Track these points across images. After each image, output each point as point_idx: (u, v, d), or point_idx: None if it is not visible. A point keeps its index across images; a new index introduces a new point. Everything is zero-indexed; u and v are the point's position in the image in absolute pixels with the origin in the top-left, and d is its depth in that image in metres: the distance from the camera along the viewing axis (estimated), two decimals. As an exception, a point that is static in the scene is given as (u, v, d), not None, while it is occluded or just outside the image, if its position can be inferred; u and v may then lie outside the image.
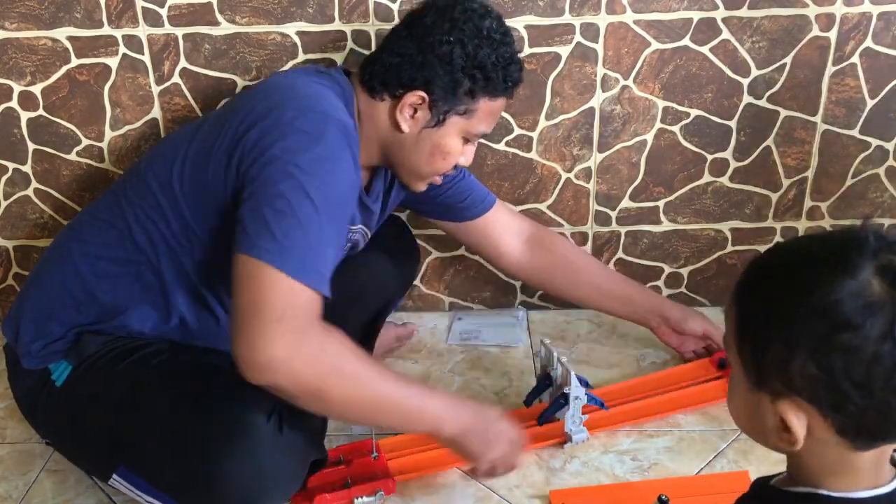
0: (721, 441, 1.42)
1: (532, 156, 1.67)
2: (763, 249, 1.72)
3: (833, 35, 1.55)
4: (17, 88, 1.59)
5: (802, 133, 1.64)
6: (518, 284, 1.81)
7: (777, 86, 1.60)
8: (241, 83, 1.59)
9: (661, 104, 1.62)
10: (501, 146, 1.66)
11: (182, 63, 1.57)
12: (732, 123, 1.63)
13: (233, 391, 1.18)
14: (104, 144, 1.64)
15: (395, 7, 1.52)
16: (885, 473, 0.71)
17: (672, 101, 1.62)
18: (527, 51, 1.57)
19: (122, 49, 1.55)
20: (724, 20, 1.55)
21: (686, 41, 1.56)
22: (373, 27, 1.54)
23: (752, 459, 1.37)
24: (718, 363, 1.55)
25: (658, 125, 1.64)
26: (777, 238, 1.74)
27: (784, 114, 1.62)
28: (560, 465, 1.38)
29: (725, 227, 1.74)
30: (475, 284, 1.68)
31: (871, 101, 1.61)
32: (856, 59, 1.57)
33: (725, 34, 1.56)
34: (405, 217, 1.69)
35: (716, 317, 1.78)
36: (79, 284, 1.25)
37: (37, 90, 1.59)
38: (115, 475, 1.20)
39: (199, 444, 1.13)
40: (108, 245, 1.25)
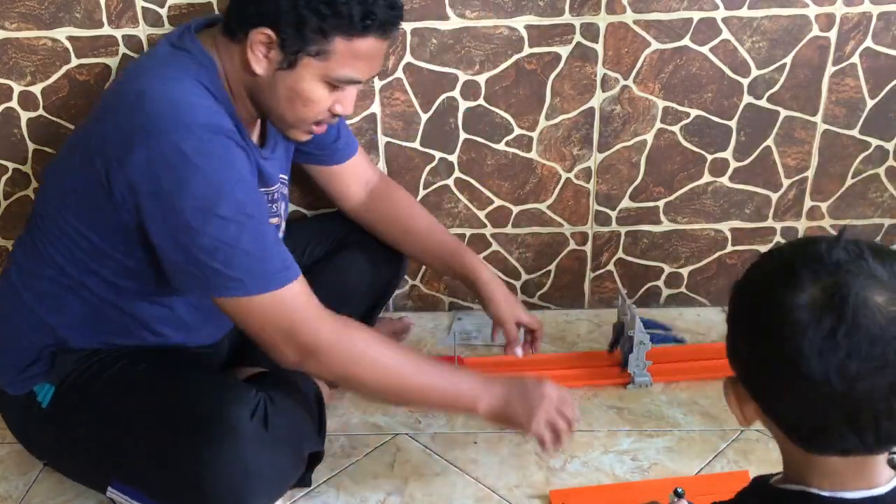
0: (721, 441, 1.42)
1: (532, 156, 1.67)
2: (763, 249, 1.73)
3: (833, 35, 1.55)
4: (17, 88, 1.59)
5: (802, 133, 1.64)
6: (518, 284, 1.81)
7: (777, 86, 1.60)
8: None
9: (661, 104, 1.62)
10: (501, 146, 1.66)
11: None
12: (732, 123, 1.63)
13: (213, 392, 1.19)
14: (104, 144, 1.64)
15: None
16: (879, 477, 0.70)
17: (672, 101, 1.61)
18: (527, 51, 1.57)
19: (123, 49, 1.55)
20: (724, 20, 1.54)
21: (686, 41, 1.56)
22: None
23: (753, 459, 1.37)
24: None
25: (658, 125, 1.64)
26: (777, 238, 1.74)
27: (784, 114, 1.62)
28: (560, 465, 1.38)
29: (725, 227, 1.74)
30: (475, 284, 1.69)
31: (871, 101, 1.61)
32: (856, 59, 1.57)
33: (725, 34, 1.55)
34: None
35: (715, 316, 1.79)
36: (25, 310, 1.24)
37: (37, 90, 1.59)
38: (110, 488, 1.21)
39: (185, 450, 1.14)
40: (39, 267, 1.23)
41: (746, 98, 1.61)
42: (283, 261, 1.14)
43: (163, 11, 1.53)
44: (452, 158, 1.67)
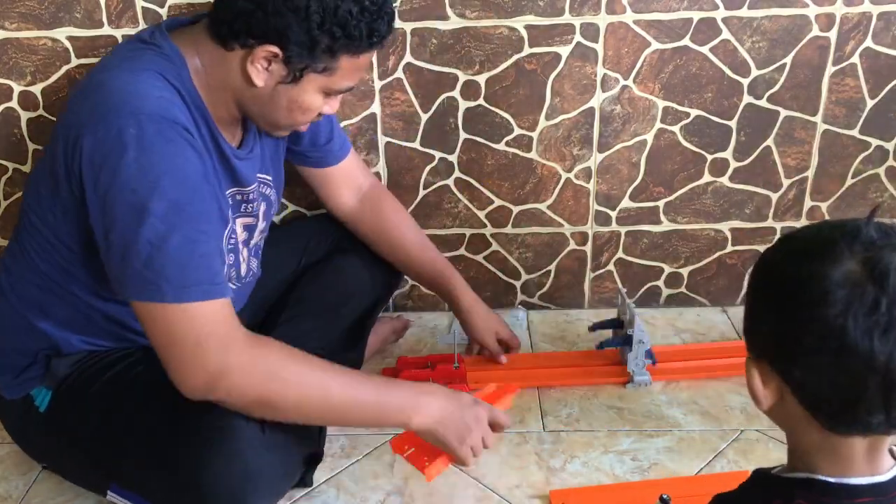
0: (721, 441, 1.42)
1: (532, 156, 1.67)
2: (763, 249, 1.73)
3: (833, 35, 1.55)
4: (17, 88, 1.59)
5: (802, 133, 1.64)
6: (518, 284, 1.81)
7: (777, 86, 1.60)
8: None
9: (661, 104, 1.62)
10: (501, 146, 1.66)
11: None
12: (732, 123, 1.63)
13: None
14: (104, 144, 1.64)
15: None
16: (883, 463, 0.71)
17: (672, 101, 1.62)
18: (527, 51, 1.57)
19: (122, 49, 1.55)
20: (724, 20, 1.54)
21: (686, 41, 1.56)
22: None
23: (752, 459, 1.37)
24: None
25: (658, 125, 1.64)
26: (777, 238, 1.74)
27: (784, 114, 1.62)
28: (560, 465, 1.38)
29: (725, 227, 1.74)
30: (475, 284, 1.68)
31: (871, 101, 1.61)
32: (856, 59, 1.57)
33: (725, 34, 1.56)
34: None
35: (715, 316, 1.79)
36: (17, 315, 1.23)
37: (37, 90, 1.59)
38: (110, 492, 1.21)
39: (184, 453, 1.13)
40: (26, 273, 1.22)
41: (746, 98, 1.61)
42: (211, 276, 1.07)
43: (163, 11, 1.53)
44: (452, 158, 1.67)
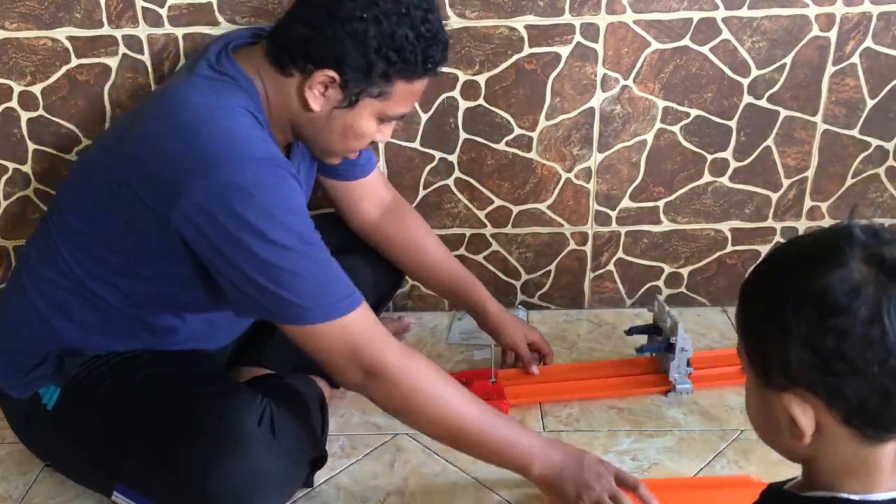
0: (721, 441, 1.42)
1: (532, 156, 1.67)
2: (763, 249, 1.73)
3: (833, 35, 1.55)
4: (17, 88, 1.59)
5: (802, 133, 1.64)
6: (518, 284, 1.81)
7: (777, 86, 1.60)
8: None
9: (661, 104, 1.62)
10: (501, 146, 1.66)
11: (182, 63, 1.57)
12: (732, 123, 1.63)
13: (221, 399, 1.18)
14: (104, 144, 1.64)
15: None
16: None
17: (672, 101, 1.62)
18: (527, 51, 1.57)
19: (122, 49, 1.55)
20: (724, 20, 1.54)
21: (686, 41, 1.56)
22: None
23: (753, 459, 1.37)
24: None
25: (658, 125, 1.64)
26: (777, 238, 1.74)
27: (784, 114, 1.62)
28: (560, 465, 1.37)
29: (725, 227, 1.74)
30: (475, 284, 1.69)
31: (871, 101, 1.61)
32: (856, 59, 1.57)
33: (725, 34, 1.55)
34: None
35: (714, 316, 1.79)
36: (35, 316, 1.23)
37: (37, 90, 1.59)
38: (115, 492, 1.21)
39: (193, 457, 1.13)
40: (50, 270, 1.22)
41: (746, 98, 1.61)
42: (347, 287, 1.13)
43: (163, 11, 1.53)
44: (452, 158, 1.67)
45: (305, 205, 1.16)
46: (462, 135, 1.65)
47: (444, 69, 1.57)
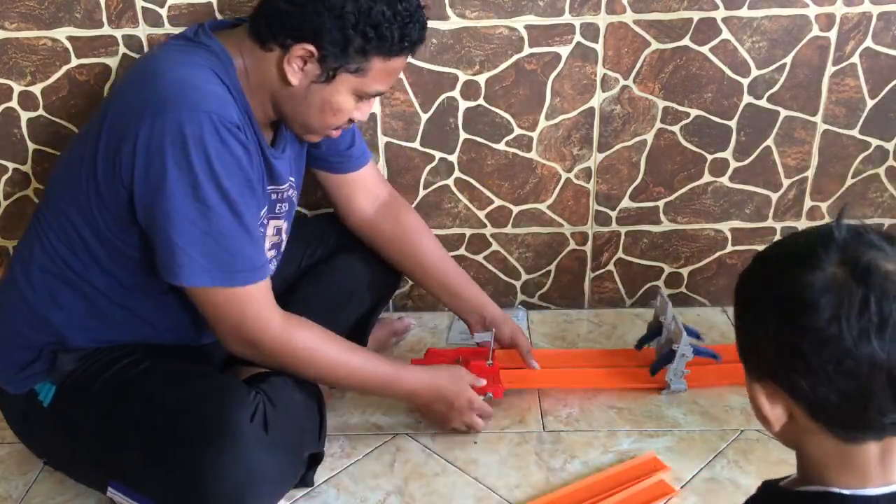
0: (721, 441, 1.42)
1: (532, 156, 1.67)
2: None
3: (833, 35, 1.55)
4: (17, 88, 1.59)
5: (802, 133, 1.64)
6: (518, 284, 1.81)
7: (777, 86, 1.60)
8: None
9: (661, 104, 1.62)
10: (501, 146, 1.66)
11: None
12: (732, 123, 1.63)
13: (213, 395, 1.18)
14: (104, 144, 1.64)
15: None
16: None
17: (672, 101, 1.62)
18: (527, 51, 1.57)
19: (122, 49, 1.55)
20: (724, 20, 1.54)
21: (686, 41, 1.56)
22: None
23: (753, 459, 1.37)
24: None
25: (658, 125, 1.64)
26: (777, 238, 1.74)
27: (784, 114, 1.62)
28: (560, 465, 1.38)
29: (725, 227, 1.74)
30: (475, 284, 1.69)
31: (871, 101, 1.61)
32: (856, 59, 1.57)
33: (725, 34, 1.55)
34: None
35: (714, 316, 1.79)
36: (27, 307, 1.24)
37: (37, 90, 1.59)
38: (110, 488, 1.21)
39: (186, 453, 1.14)
40: (39, 256, 1.23)
41: (746, 98, 1.61)
42: (255, 261, 1.18)
43: (163, 11, 1.53)
44: (452, 158, 1.67)
45: (250, 175, 1.17)
46: (462, 135, 1.65)
47: (444, 69, 1.58)
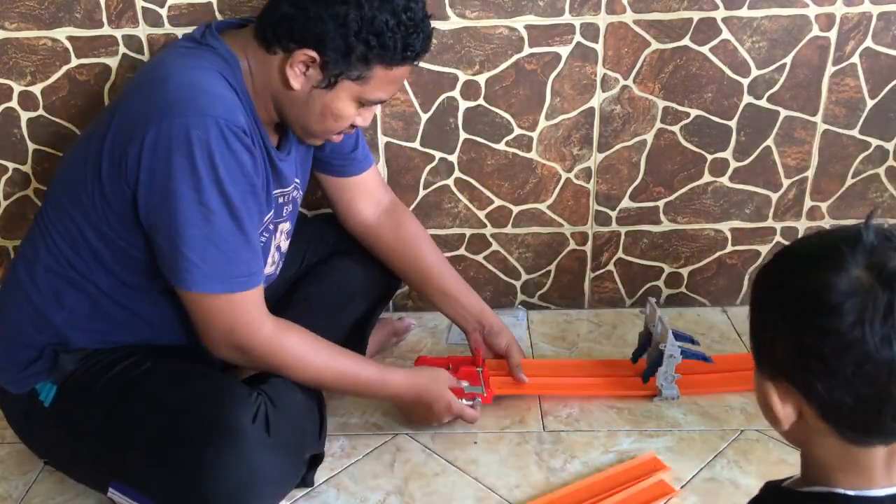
0: (721, 441, 1.42)
1: (532, 156, 1.67)
2: (763, 249, 1.72)
3: (833, 35, 1.55)
4: (17, 88, 1.59)
5: (802, 133, 1.64)
6: (518, 284, 1.81)
7: (777, 86, 1.60)
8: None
9: (661, 104, 1.62)
10: (501, 146, 1.66)
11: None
12: (732, 123, 1.63)
13: (215, 396, 1.18)
14: (104, 144, 1.64)
15: None
16: None
17: (672, 101, 1.62)
18: (527, 51, 1.57)
19: (122, 49, 1.55)
20: (724, 20, 1.54)
21: (686, 41, 1.56)
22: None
23: (753, 459, 1.37)
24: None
25: (658, 125, 1.64)
26: (777, 238, 1.74)
27: (784, 114, 1.63)
28: (560, 465, 1.38)
29: (725, 227, 1.74)
30: (475, 284, 1.68)
31: (871, 101, 1.61)
32: (856, 59, 1.57)
33: (725, 34, 1.56)
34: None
35: (714, 316, 1.79)
36: (29, 307, 1.24)
37: (37, 90, 1.59)
38: (111, 489, 1.21)
39: (187, 454, 1.13)
40: (43, 255, 1.23)
41: (746, 98, 1.61)
42: (251, 267, 1.18)
43: (163, 11, 1.53)
44: (452, 158, 1.67)
45: (254, 180, 1.17)
46: (462, 135, 1.65)
47: (444, 69, 1.58)
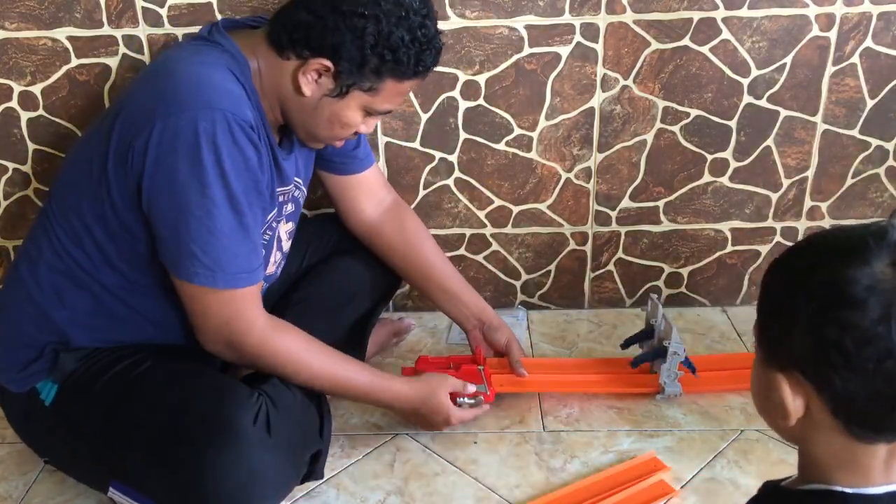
0: (721, 441, 1.42)
1: (532, 156, 1.67)
2: (763, 249, 1.72)
3: (833, 35, 1.55)
4: (17, 88, 1.59)
5: (802, 133, 1.64)
6: (518, 284, 1.81)
7: (777, 86, 1.60)
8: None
9: (661, 104, 1.62)
10: (501, 146, 1.66)
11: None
12: (732, 123, 1.63)
13: (216, 396, 1.18)
14: (104, 144, 1.64)
15: None
16: None
17: (672, 101, 1.62)
18: (527, 51, 1.57)
19: (122, 49, 1.55)
20: (724, 20, 1.55)
21: (686, 41, 1.56)
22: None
23: (753, 459, 1.37)
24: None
25: (658, 125, 1.64)
26: (777, 238, 1.74)
27: (784, 114, 1.63)
28: (560, 465, 1.38)
29: (725, 227, 1.74)
30: (475, 284, 1.68)
31: (871, 101, 1.61)
32: (856, 59, 1.57)
33: (725, 34, 1.56)
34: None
35: (714, 316, 1.79)
36: (31, 305, 1.24)
37: (37, 90, 1.59)
38: (112, 488, 1.21)
39: (186, 455, 1.13)
40: (46, 253, 1.22)
41: (746, 98, 1.61)
42: (252, 263, 1.18)
43: (163, 11, 1.53)
44: (452, 158, 1.67)
45: (259, 176, 1.18)
46: (462, 135, 1.65)
47: (444, 69, 1.58)
